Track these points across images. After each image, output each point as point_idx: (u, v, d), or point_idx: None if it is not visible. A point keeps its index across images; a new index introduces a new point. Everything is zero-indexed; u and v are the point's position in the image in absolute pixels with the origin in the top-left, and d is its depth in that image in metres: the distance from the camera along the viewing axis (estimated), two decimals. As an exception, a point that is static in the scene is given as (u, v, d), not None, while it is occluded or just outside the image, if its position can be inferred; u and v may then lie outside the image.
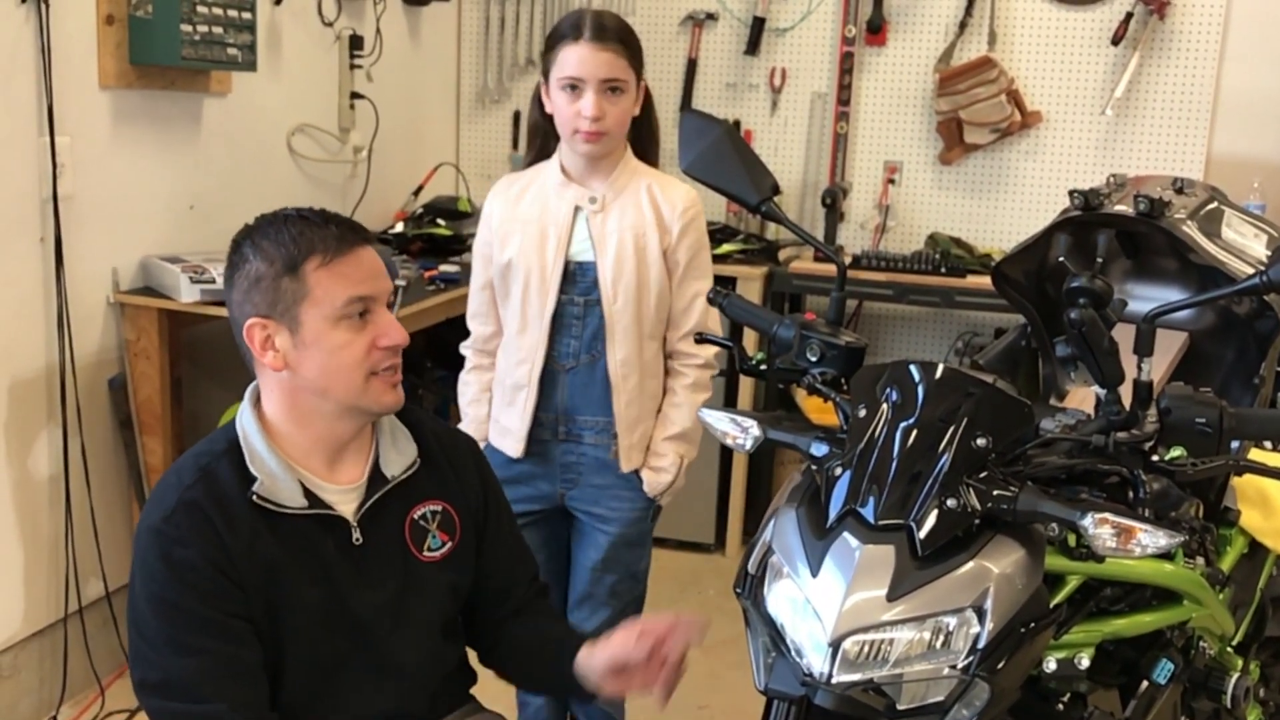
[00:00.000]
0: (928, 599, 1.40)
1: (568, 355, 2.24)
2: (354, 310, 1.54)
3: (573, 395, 2.25)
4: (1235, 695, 1.82)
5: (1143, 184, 2.36)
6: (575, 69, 2.13)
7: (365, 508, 1.63)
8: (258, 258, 1.55)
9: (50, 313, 2.74)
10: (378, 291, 1.57)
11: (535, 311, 2.22)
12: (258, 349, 1.56)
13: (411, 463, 1.68)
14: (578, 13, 2.21)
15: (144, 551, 1.53)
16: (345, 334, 1.54)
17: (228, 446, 1.58)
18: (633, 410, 2.26)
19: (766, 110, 4.32)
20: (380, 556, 1.63)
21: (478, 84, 4.54)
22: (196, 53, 2.86)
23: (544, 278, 2.21)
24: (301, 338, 1.54)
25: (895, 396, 1.54)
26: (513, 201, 2.26)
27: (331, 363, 1.54)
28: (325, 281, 1.53)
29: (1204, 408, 1.55)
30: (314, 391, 1.57)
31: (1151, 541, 1.41)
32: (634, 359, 2.24)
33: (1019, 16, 4.05)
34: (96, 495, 2.89)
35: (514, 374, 2.26)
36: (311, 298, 1.53)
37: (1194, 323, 2.34)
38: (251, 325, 1.55)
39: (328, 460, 1.62)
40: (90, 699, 2.91)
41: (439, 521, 1.70)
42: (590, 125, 2.13)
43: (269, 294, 1.54)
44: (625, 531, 2.31)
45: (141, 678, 1.52)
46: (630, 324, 2.23)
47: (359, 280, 1.55)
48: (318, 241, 1.53)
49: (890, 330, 4.35)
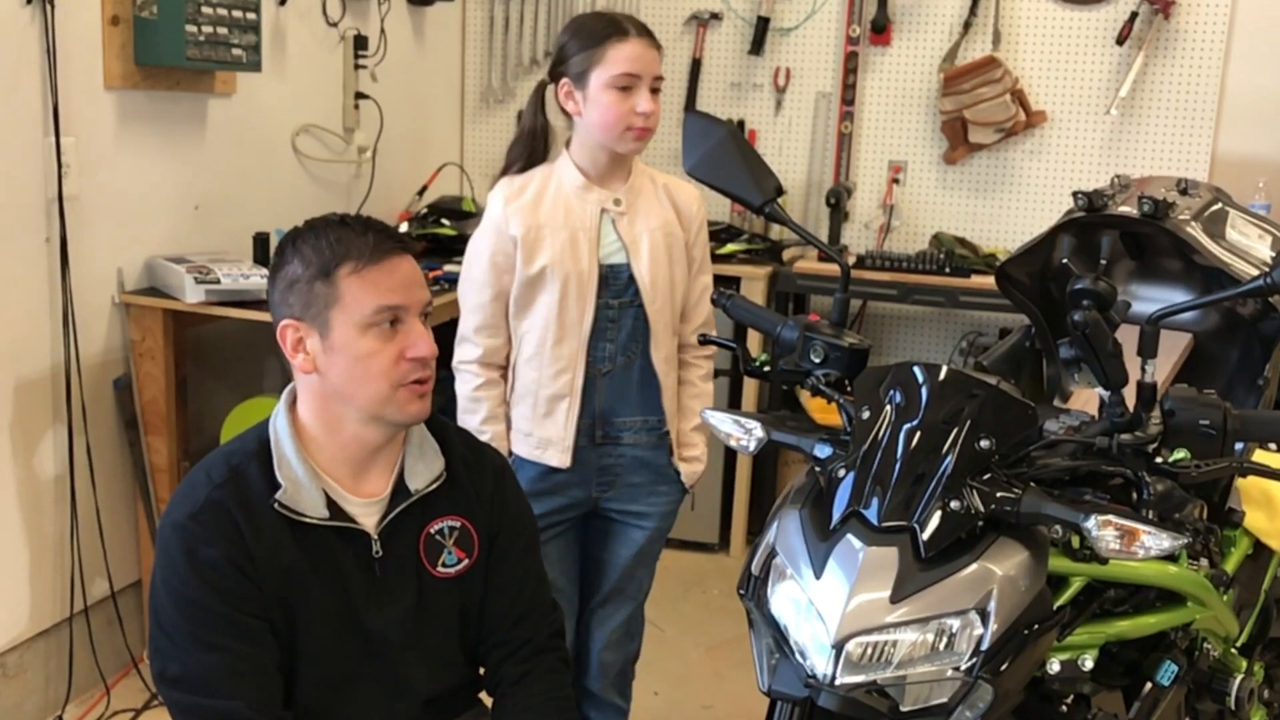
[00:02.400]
0: (931, 601, 1.40)
1: (604, 359, 2.23)
2: (383, 319, 1.55)
3: (610, 398, 2.25)
4: (1239, 697, 1.82)
5: (1147, 185, 2.36)
6: (632, 65, 2.11)
7: (386, 521, 1.62)
8: (296, 260, 1.56)
9: (55, 313, 2.74)
10: (410, 302, 1.57)
11: (574, 318, 2.19)
12: (289, 350, 1.58)
13: (437, 476, 1.66)
14: (604, 14, 2.21)
15: (167, 546, 1.54)
16: (373, 342, 1.54)
17: (259, 448, 1.59)
18: (672, 405, 2.30)
19: (771, 110, 4.32)
20: (397, 571, 1.63)
21: (482, 84, 4.55)
22: (201, 53, 2.86)
23: (582, 283, 2.17)
24: (330, 342, 1.55)
25: (899, 398, 1.54)
26: (530, 208, 2.19)
27: (358, 370, 1.55)
28: (356, 288, 1.53)
29: (1208, 409, 1.55)
30: (340, 397, 1.57)
31: (1155, 544, 1.42)
32: (672, 355, 2.29)
33: (1023, 16, 4.04)
34: (102, 495, 2.90)
35: (552, 385, 2.21)
36: (342, 304, 1.54)
37: (1198, 324, 2.34)
38: (285, 326, 1.57)
39: (355, 470, 1.62)
40: (95, 698, 2.91)
41: (456, 538, 1.68)
42: (645, 122, 2.13)
43: (303, 297, 1.55)
44: (661, 525, 2.35)
45: (161, 669, 1.54)
46: (669, 321, 2.26)
47: (389, 289, 1.55)
48: (353, 248, 1.54)
49: (894, 330, 4.35)
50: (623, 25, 2.14)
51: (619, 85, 2.11)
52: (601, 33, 2.13)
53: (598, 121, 2.14)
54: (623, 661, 2.44)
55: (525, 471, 2.22)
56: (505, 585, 1.72)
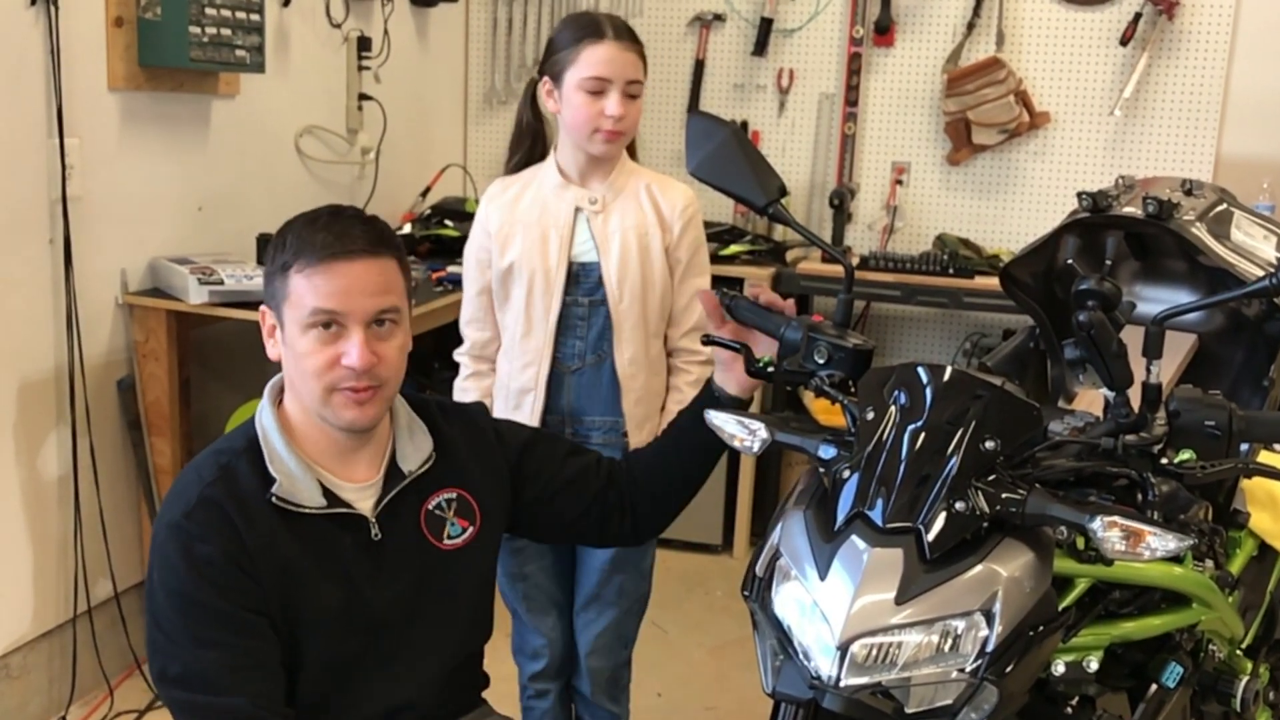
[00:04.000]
0: (936, 602, 1.39)
1: (573, 356, 2.24)
2: (318, 321, 1.54)
3: (579, 396, 2.25)
4: (1245, 698, 1.81)
5: (1151, 185, 2.36)
6: (603, 69, 2.11)
7: (383, 504, 1.64)
8: (274, 249, 1.60)
9: (59, 314, 2.74)
10: (350, 309, 1.54)
11: (540, 314, 2.22)
12: (265, 333, 1.63)
13: (427, 457, 1.69)
14: (589, 14, 2.20)
15: (163, 546, 1.54)
16: (311, 343, 1.55)
17: (247, 444, 1.60)
18: (641, 408, 2.27)
19: (774, 111, 4.32)
20: (398, 551, 1.65)
21: (485, 85, 4.55)
22: (205, 55, 2.87)
23: (548, 280, 2.20)
24: (284, 335, 1.59)
25: (903, 399, 1.53)
26: (510, 205, 2.24)
27: (297, 367, 1.58)
28: (301, 287, 1.55)
29: (1213, 410, 1.55)
30: (294, 389, 1.61)
31: (1160, 545, 1.41)
32: (641, 357, 2.25)
33: (1027, 17, 4.04)
34: (105, 496, 2.90)
35: (519, 378, 2.25)
36: (290, 300, 1.56)
37: (1203, 325, 2.33)
38: (263, 311, 1.62)
39: (343, 457, 1.63)
40: (99, 699, 2.92)
41: (456, 509, 1.71)
42: (614, 125, 2.13)
43: (269, 285, 1.60)
44: None
45: (161, 670, 1.53)
46: (637, 323, 2.23)
47: (329, 294, 1.53)
48: (307, 247, 1.55)
49: (898, 331, 4.35)
50: (601, 27, 2.13)
51: (588, 88, 2.12)
52: (580, 33, 2.14)
53: (569, 121, 2.17)
54: (612, 668, 2.41)
55: None
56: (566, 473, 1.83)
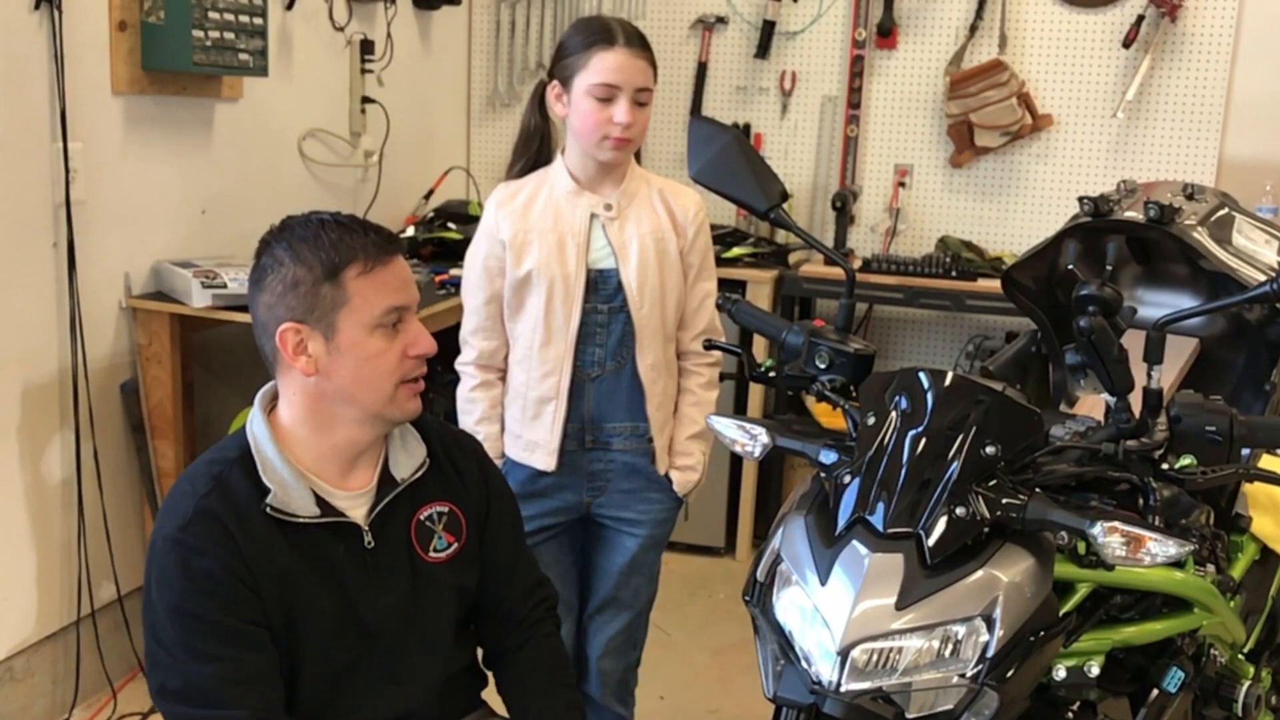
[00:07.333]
0: (937, 607, 1.40)
1: (593, 364, 2.22)
2: (390, 319, 1.57)
3: (599, 403, 2.24)
4: (1246, 703, 1.81)
5: (1153, 190, 2.36)
6: (613, 76, 2.09)
7: (376, 511, 1.64)
8: (294, 262, 1.55)
9: (63, 317, 2.75)
10: (410, 301, 1.60)
11: (560, 322, 2.19)
12: (289, 353, 1.56)
13: (420, 464, 1.69)
14: (601, 18, 2.18)
15: (161, 560, 1.53)
16: (380, 342, 1.56)
17: (239, 454, 1.59)
18: (662, 413, 2.27)
19: (776, 114, 4.32)
20: (390, 559, 1.65)
21: (488, 88, 4.55)
22: (208, 58, 2.87)
23: (568, 287, 2.17)
24: (336, 344, 1.55)
25: (904, 404, 1.54)
26: (521, 212, 2.20)
27: (365, 370, 1.56)
28: (365, 290, 1.54)
29: (1214, 415, 1.55)
30: (342, 398, 1.58)
31: (1161, 550, 1.41)
32: (661, 362, 2.25)
33: (1030, 19, 4.04)
34: (109, 499, 2.91)
35: (539, 387, 2.22)
36: (350, 305, 1.54)
37: (1204, 329, 2.33)
38: (285, 330, 1.55)
39: (342, 468, 1.63)
40: (102, 702, 2.92)
41: (445, 523, 1.70)
42: (621, 133, 2.11)
43: (307, 299, 1.54)
44: (654, 533, 2.32)
45: (161, 685, 1.53)
46: (657, 328, 2.23)
47: (395, 289, 1.57)
48: (358, 249, 1.55)
49: (901, 334, 4.35)
50: (613, 33, 2.11)
51: (598, 95, 2.10)
52: (591, 38, 2.12)
53: (577, 127, 2.15)
54: (622, 670, 2.43)
55: (515, 474, 2.22)
56: (499, 560, 1.77)
